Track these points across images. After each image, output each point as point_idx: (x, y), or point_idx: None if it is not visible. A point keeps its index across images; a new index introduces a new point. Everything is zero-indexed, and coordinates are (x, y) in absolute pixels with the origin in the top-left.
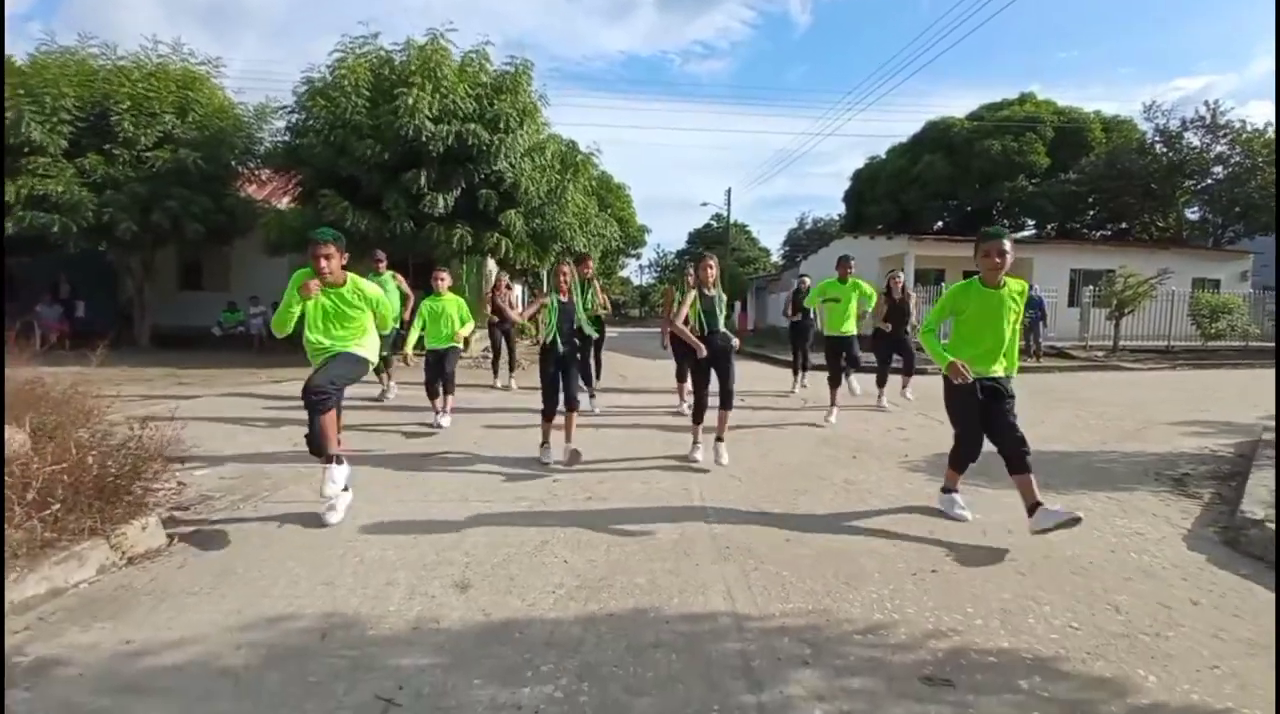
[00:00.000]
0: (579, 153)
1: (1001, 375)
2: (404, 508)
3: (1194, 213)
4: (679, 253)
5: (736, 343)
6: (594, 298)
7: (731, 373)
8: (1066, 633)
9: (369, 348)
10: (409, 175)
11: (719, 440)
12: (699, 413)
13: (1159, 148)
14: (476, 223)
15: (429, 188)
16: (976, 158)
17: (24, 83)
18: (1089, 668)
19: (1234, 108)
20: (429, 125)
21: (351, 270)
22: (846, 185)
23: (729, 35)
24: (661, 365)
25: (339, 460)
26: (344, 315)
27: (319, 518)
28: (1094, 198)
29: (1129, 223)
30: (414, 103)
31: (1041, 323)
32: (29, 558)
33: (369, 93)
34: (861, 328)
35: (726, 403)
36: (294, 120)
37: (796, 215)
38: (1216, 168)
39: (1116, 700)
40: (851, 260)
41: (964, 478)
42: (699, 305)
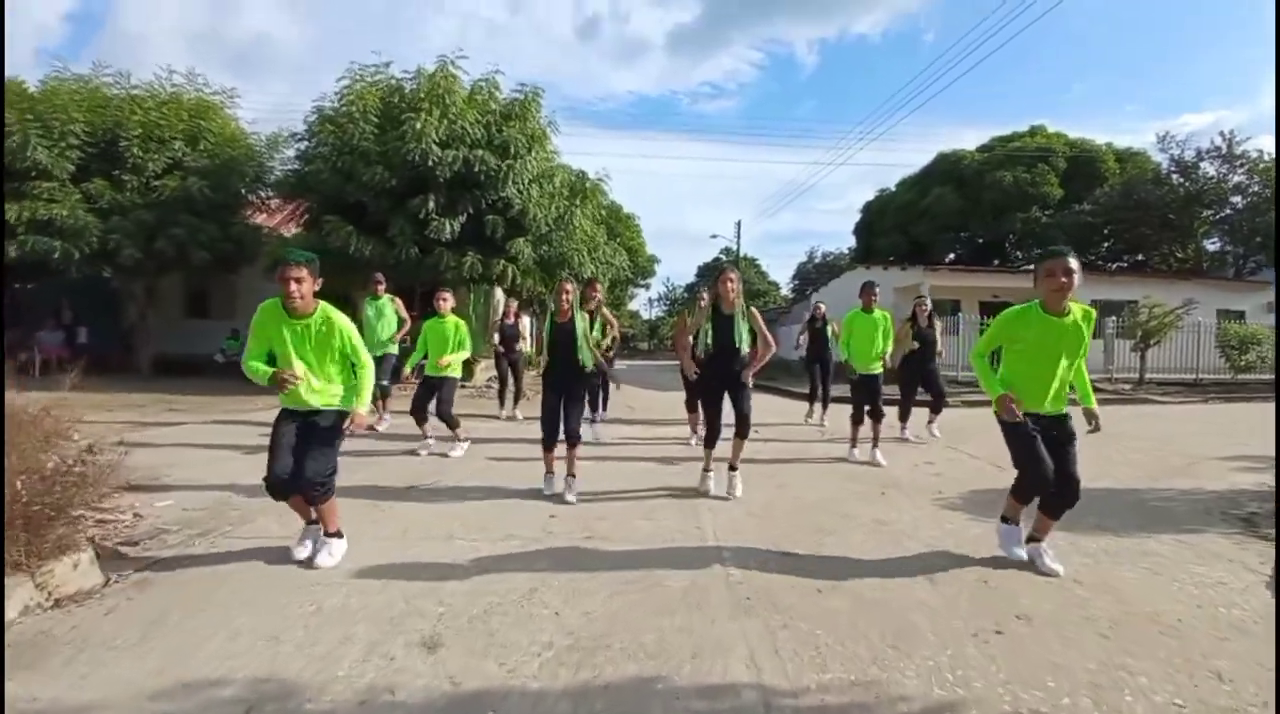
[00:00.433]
0: (588, 180)
1: (1059, 413)
2: (378, 546)
3: (1213, 243)
4: (688, 286)
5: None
6: (602, 325)
7: (747, 397)
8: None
9: (340, 395)
10: (416, 201)
11: (733, 469)
12: (712, 437)
13: (1175, 178)
14: (484, 249)
15: (436, 213)
16: (988, 189)
17: (33, 108)
18: None
19: (1250, 138)
20: (436, 150)
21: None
22: (855, 219)
23: (736, 77)
24: (671, 397)
25: (339, 535)
26: (316, 349)
27: (283, 554)
28: (1109, 229)
29: (1146, 254)
30: (422, 127)
31: None
32: None
33: (378, 119)
34: (886, 363)
35: (742, 429)
36: (303, 147)
37: (805, 249)
38: (1235, 198)
39: None
40: (876, 287)
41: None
42: (709, 324)
